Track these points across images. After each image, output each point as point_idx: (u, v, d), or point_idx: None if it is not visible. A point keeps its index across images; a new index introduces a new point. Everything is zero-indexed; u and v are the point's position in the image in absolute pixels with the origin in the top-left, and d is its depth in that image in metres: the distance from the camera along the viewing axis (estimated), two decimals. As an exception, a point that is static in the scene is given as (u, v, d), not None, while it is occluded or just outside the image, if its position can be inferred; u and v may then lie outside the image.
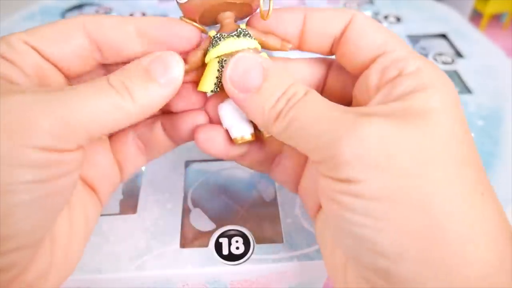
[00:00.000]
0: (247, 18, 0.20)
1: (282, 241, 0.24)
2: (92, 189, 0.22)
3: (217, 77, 0.19)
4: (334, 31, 0.20)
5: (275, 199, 0.27)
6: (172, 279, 0.23)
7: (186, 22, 0.19)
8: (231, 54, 0.19)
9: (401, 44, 0.18)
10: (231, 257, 0.23)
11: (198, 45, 0.20)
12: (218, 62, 0.19)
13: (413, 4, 0.49)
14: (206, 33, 0.20)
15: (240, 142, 0.20)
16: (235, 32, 0.19)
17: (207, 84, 0.19)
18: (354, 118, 0.16)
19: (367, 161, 0.15)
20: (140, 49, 0.20)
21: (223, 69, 0.19)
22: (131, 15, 0.47)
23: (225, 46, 0.19)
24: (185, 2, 0.19)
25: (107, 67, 0.21)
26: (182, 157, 0.29)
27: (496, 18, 0.83)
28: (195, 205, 0.27)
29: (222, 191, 0.26)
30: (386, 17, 0.46)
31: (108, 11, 0.48)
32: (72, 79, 0.21)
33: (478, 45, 0.42)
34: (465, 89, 0.36)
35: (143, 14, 0.47)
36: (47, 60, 0.20)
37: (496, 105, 0.34)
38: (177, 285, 0.23)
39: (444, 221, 0.15)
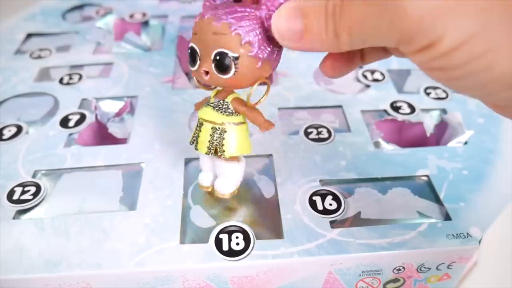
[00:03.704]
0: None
1: (282, 237, 0.24)
2: None
3: (193, 133, 0.24)
4: None
5: (275, 195, 0.27)
6: (172, 275, 0.23)
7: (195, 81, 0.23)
8: (204, 120, 0.23)
9: None
10: (231, 253, 0.23)
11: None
12: (198, 121, 0.23)
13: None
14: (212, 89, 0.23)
15: (202, 188, 0.25)
16: (216, 103, 0.22)
17: (191, 135, 0.24)
18: None
19: (433, 10, 0.14)
20: None
21: (198, 129, 0.23)
22: (131, 15, 0.47)
23: (202, 112, 0.23)
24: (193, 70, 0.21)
25: None
26: (181, 155, 0.29)
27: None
28: (195, 202, 0.27)
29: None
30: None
31: (108, 11, 0.48)
32: None
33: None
34: (465, 87, 0.36)
35: (144, 14, 0.47)
36: None
37: (496, 102, 0.34)
38: (177, 281, 0.23)
39: None
